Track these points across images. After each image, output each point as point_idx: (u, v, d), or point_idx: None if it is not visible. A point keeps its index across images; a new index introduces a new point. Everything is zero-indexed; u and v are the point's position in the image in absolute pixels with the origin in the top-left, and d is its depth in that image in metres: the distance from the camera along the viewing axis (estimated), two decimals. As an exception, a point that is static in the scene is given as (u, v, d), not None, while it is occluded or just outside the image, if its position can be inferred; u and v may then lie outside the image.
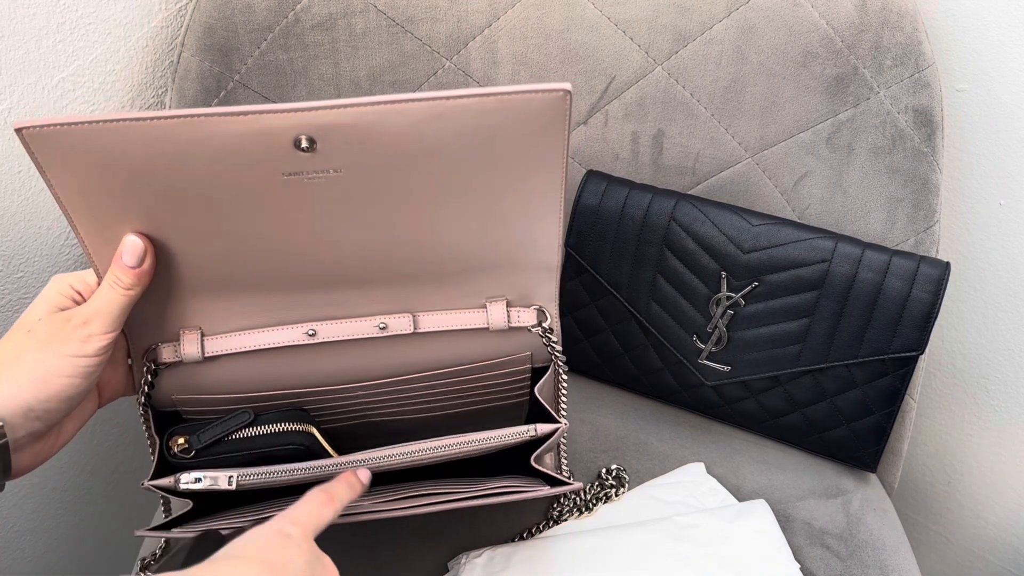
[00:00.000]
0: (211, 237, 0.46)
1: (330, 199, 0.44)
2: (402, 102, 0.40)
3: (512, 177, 0.45)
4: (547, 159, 0.44)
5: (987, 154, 0.74)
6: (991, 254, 0.78)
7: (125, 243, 0.45)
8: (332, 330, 0.51)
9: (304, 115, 0.40)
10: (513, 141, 0.43)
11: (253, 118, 0.40)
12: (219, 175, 0.42)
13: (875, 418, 0.67)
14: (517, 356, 0.54)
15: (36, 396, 0.43)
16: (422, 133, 0.41)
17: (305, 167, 0.42)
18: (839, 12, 0.66)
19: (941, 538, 0.97)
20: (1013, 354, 0.81)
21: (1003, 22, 0.68)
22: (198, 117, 0.39)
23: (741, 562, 0.60)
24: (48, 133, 0.40)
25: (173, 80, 0.69)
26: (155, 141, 0.40)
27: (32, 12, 0.59)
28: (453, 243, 0.48)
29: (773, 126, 0.70)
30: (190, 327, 0.50)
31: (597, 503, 0.66)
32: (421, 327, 0.52)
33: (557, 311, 0.53)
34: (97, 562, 0.85)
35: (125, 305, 0.46)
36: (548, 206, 0.47)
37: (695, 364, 0.70)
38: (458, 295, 0.52)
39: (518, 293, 0.52)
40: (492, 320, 0.52)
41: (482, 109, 0.41)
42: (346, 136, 0.41)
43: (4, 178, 0.62)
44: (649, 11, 0.68)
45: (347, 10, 0.68)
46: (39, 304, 0.46)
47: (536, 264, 0.51)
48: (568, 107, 0.41)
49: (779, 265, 0.65)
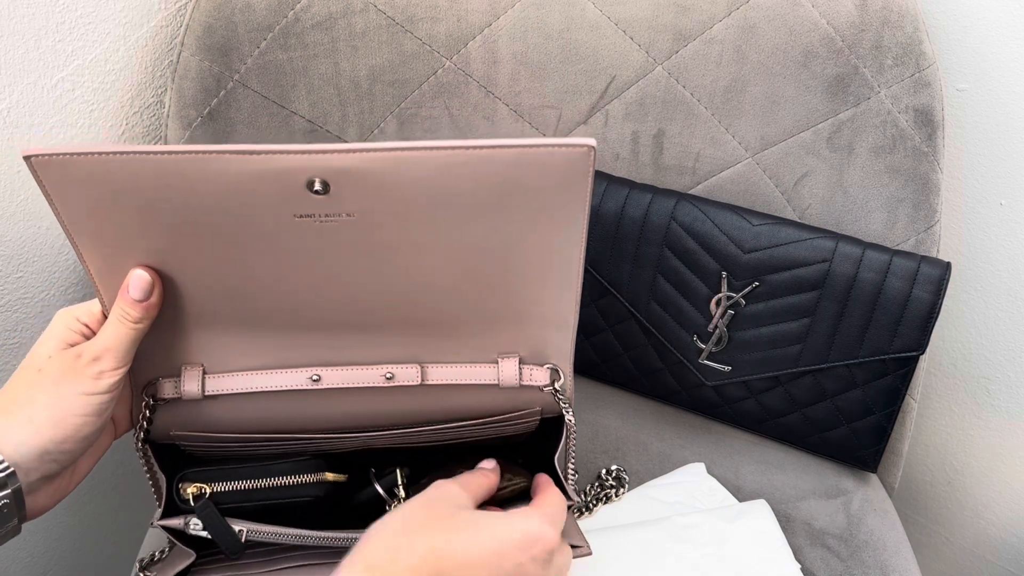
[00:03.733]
0: (218, 273, 0.45)
1: (342, 243, 0.43)
2: (421, 150, 0.39)
3: (530, 231, 0.44)
4: (568, 214, 0.43)
5: (987, 154, 0.74)
6: (991, 254, 0.78)
7: (132, 277, 0.44)
8: (337, 376, 0.50)
9: (319, 157, 0.39)
10: (533, 194, 0.42)
11: (266, 158, 0.39)
12: (229, 212, 0.41)
13: (875, 418, 0.67)
14: (526, 411, 0.52)
15: (52, 438, 0.42)
16: (440, 182, 0.40)
17: (318, 210, 0.41)
18: (839, 11, 0.66)
19: (941, 538, 0.97)
20: (1013, 354, 0.81)
21: (1004, 22, 0.68)
22: (210, 154, 0.39)
23: (741, 562, 0.60)
24: (56, 162, 0.39)
25: (172, 80, 0.69)
26: (165, 175, 0.40)
27: (31, 12, 0.59)
28: (466, 295, 0.47)
29: (773, 126, 0.70)
30: (192, 364, 0.49)
31: (597, 503, 0.66)
32: (429, 379, 0.50)
33: (571, 370, 0.51)
34: (97, 562, 0.85)
35: (134, 339, 0.45)
36: (567, 262, 0.46)
37: (695, 364, 0.70)
38: (469, 348, 0.50)
39: (531, 349, 0.50)
40: (503, 377, 0.50)
41: (503, 161, 0.40)
42: (361, 181, 0.40)
43: (4, 178, 0.62)
44: (649, 11, 0.68)
45: (347, 9, 0.68)
46: (47, 340, 0.45)
47: (551, 321, 0.49)
48: (592, 163, 0.40)
49: (780, 265, 0.65)
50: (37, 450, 0.42)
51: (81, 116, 0.66)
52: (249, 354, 0.49)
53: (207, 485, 0.48)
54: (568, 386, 0.51)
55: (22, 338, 0.68)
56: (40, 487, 0.43)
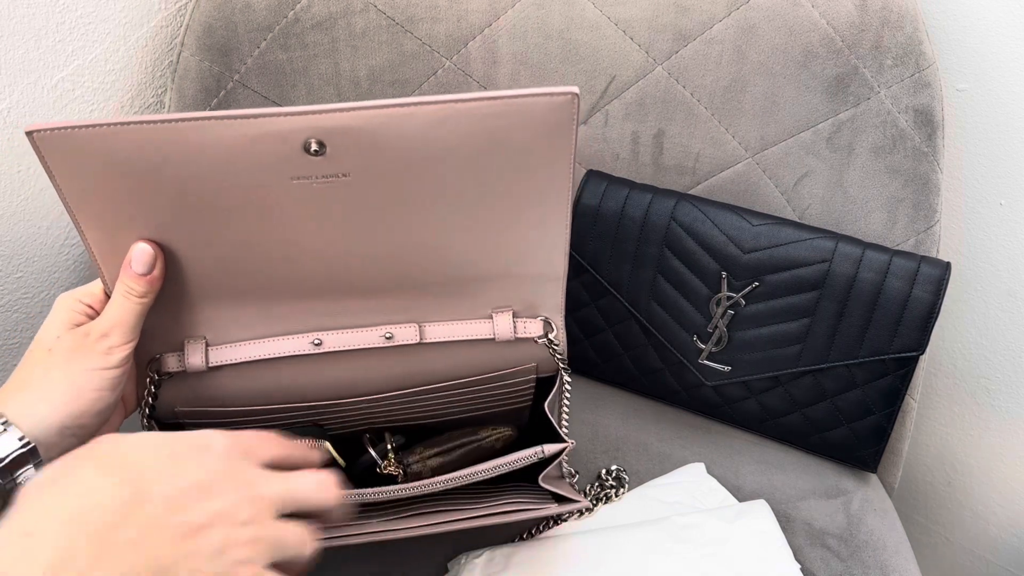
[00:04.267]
0: (218, 243, 0.45)
1: (338, 204, 0.44)
2: (411, 105, 0.40)
3: (518, 181, 0.45)
4: (554, 163, 0.44)
5: (987, 154, 0.74)
6: (991, 254, 0.78)
7: (134, 250, 0.45)
8: (338, 340, 0.51)
9: (314, 118, 0.40)
10: (520, 144, 0.43)
11: (263, 120, 0.40)
12: (228, 178, 0.42)
13: (875, 418, 0.67)
14: (522, 367, 0.54)
15: (69, 413, 0.43)
16: (431, 136, 0.41)
17: (314, 171, 0.42)
18: (839, 12, 0.66)
19: (941, 538, 0.97)
20: (1013, 354, 0.81)
21: (1004, 22, 0.68)
22: (208, 120, 0.39)
23: (741, 562, 0.60)
24: (58, 136, 0.40)
25: (172, 80, 0.69)
26: (164, 144, 0.40)
27: (31, 12, 0.59)
28: (460, 251, 0.48)
29: (773, 126, 0.70)
30: (194, 337, 0.50)
31: (597, 503, 0.66)
32: (427, 337, 0.52)
33: (563, 322, 0.53)
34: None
35: (140, 313, 0.46)
36: (554, 212, 0.47)
37: (695, 364, 0.70)
38: (464, 305, 0.51)
39: (524, 303, 0.52)
40: (498, 331, 0.52)
41: (490, 112, 0.41)
42: (355, 139, 0.41)
43: (4, 178, 0.62)
44: (649, 11, 0.68)
45: (347, 9, 0.68)
46: (52, 324, 0.46)
47: (542, 274, 0.51)
48: (576, 110, 0.41)
49: (779, 265, 0.65)
50: (56, 426, 0.43)
51: (81, 116, 0.66)
52: (250, 325, 0.50)
53: None
54: (561, 338, 0.53)
55: (22, 338, 0.68)
56: None
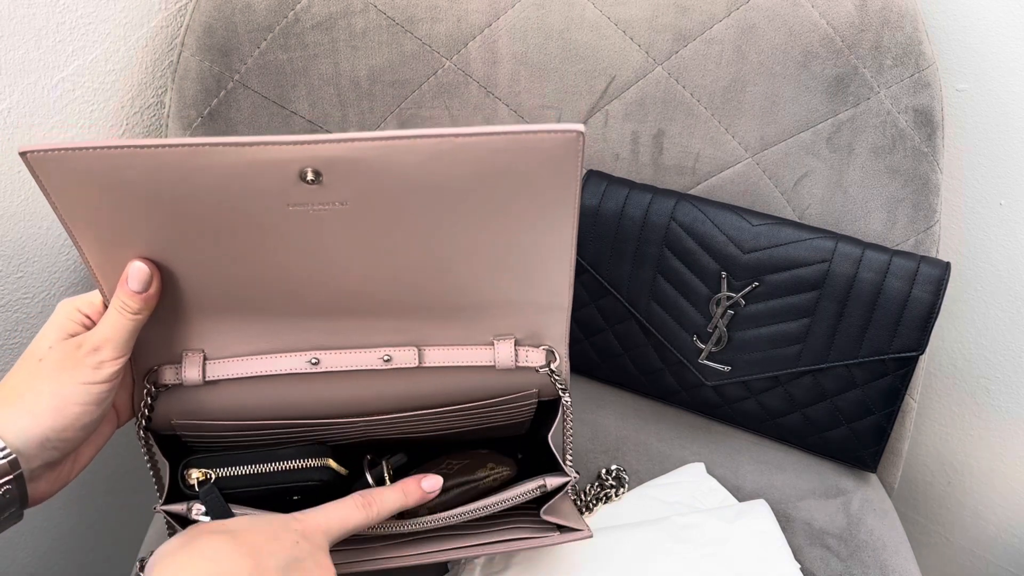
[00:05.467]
0: (216, 263, 0.45)
1: (336, 230, 0.44)
2: (411, 138, 0.39)
3: (522, 216, 0.44)
4: (559, 199, 0.43)
5: (987, 154, 0.74)
6: (991, 254, 0.78)
7: (130, 269, 0.44)
8: (336, 360, 0.50)
9: (310, 148, 0.39)
10: (524, 180, 0.42)
11: (258, 149, 0.39)
12: (224, 204, 0.42)
13: (875, 418, 0.67)
14: (523, 393, 0.53)
15: (52, 426, 0.43)
16: (430, 169, 0.41)
17: (311, 199, 0.42)
18: (839, 12, 0.66)
19: (941, 538, 0.97)
20: (1013, 354, 0.81)
21: (1003, 22, 0.68)
22: (204, 146, 0.39)
23: (741, 562, 0.60)
24: (53, 158, 0.39)
25: (173, 80, 0.69)
26: (160, 168, 0.40)
27: (31, 12, 0.59)
28: (461, 279, 0.48)
29: (773, 126, 0.70)
30: (192, 350, 0.49)
31: (597, 503, 0.66)
32: (426, 362, 0.51)
33: (567, 351, 0.52)
34: (97, 562, 0.85)
35: (133, 330, 0.45)
36: (559, 246, 0.46)
37: (695, 364, 0.70)
38: (466, 330, 0.51)
39: (527, 332, 0.51)
40: (499, 359, 0.51)
41: (492, 148, 0.40)
42: (353, 170, 0.40)
43: (4, 178, 0.62)
44: (649, 11, 0.68)
45: (347, 10, 0.68)
46: (49, 330, 0.46)
47: (546, 303, 0.50)
48: (581, 148, 0.41)
49: (779, 265, 0.65)
50: (38, 438, 0.43)
51: (81, 116, 0.66)
52: (248, 340, 0.50)
53: (212, 470, 0.49)
54: (564, 368, 0.52)
55: (22, 338, 0.68)
56: (42, 474, 0.44)
